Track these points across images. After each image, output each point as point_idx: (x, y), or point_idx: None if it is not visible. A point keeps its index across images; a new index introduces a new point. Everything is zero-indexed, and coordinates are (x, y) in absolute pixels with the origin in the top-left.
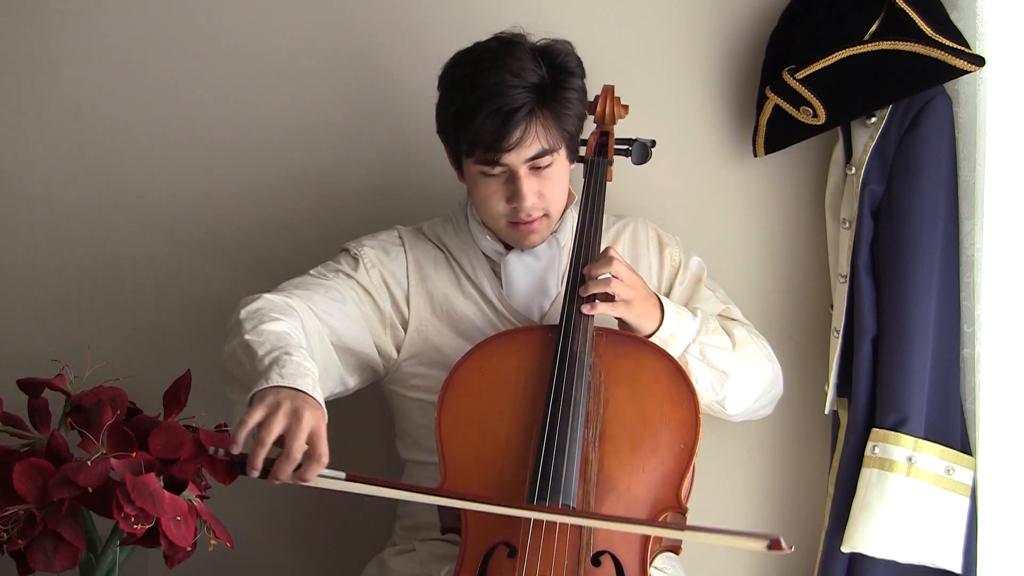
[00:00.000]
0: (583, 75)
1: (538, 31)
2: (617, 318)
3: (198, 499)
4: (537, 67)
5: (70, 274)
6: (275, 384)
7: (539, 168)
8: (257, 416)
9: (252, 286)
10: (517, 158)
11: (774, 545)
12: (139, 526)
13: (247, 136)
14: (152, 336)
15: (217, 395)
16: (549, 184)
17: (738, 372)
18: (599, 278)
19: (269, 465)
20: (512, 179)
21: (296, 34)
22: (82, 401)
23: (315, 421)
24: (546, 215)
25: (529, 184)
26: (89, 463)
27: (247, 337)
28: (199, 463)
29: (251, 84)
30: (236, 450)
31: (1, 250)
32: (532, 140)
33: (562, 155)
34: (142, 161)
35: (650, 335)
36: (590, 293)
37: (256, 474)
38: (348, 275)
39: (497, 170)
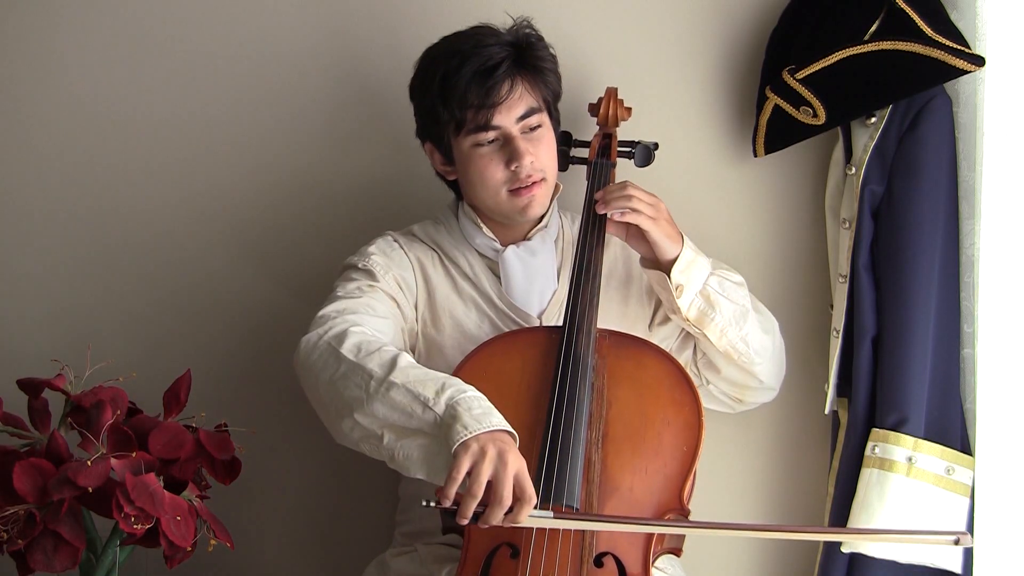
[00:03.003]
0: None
1: (541, 33)
2: (641, 241)
3: (198, 499)
4: (509, 33)
5: (70, 274)
6: (475, 432)
7: (530, 129)
8: (465, 468)
9: (251, 285)
10: (508, 118)
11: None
12: (139, 526)
13: (245, 138)
14: (152, 336)
15: (217, 395)
16: (541, 147)
17: (752, 310)
18: (615, 195)
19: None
20: (507, 142)
21: (292, 37)
22: (82, 401)
23: (519, 463)
24: (544, 179)
25: (524, 144)
26: (89, 463)
27: (395, 380)
28: (199, 463)
29: (250, 85)
30: (447, 503)
31: (1, 250)
32: (520, 95)
33: (547, 120)
34: (142, 161)
35: (673, 260)
36: (608, 208)
37: (467, 522)
38: (371, 286)
39: (491, 135)
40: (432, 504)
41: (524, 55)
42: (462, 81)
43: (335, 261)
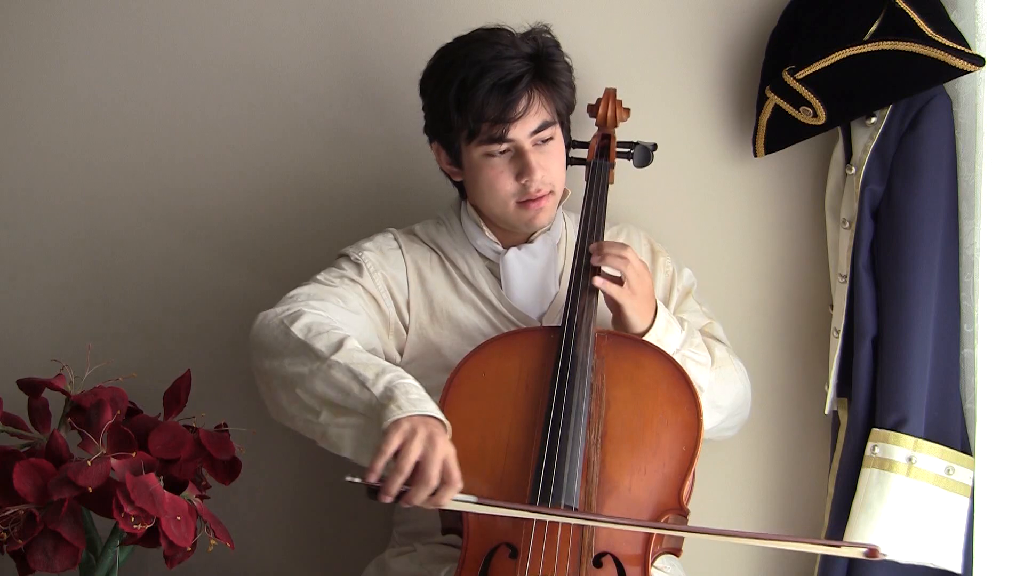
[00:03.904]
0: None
1: None
2: (614, 308)
3: (198, 499)
4: (526, 42)
5: (70, 274)
6: (409, 413)
7: (542, 143)
8: (395, 444)
9: (251, 285)
10: (523, 131)
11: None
12: (139, 526)
13: (246, 139)
14: (152, 336)
15: (217, 395)
16: (551, 160)
17: (712, 389)
18: (613, 253)
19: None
20: (519, 155)
21: (293, 36)
22: (82, 401)
23: (448, 448)
24: (552, 192)
25: (536, 158)
26: (89, 463)
27: (338, 359)
28: (199, 463)
29: (250, 84)
30: (373, 478)
31: (1, 250)
32: (536, 110)
33: (559, 132)
34: (141, 161)
35: (639, 335)
36: (606, 264)
37: (389, 500)
38: (353, 280)
39: (503, 147)
40: (356, 480)
41: (542, 68)
42: (480, 93)
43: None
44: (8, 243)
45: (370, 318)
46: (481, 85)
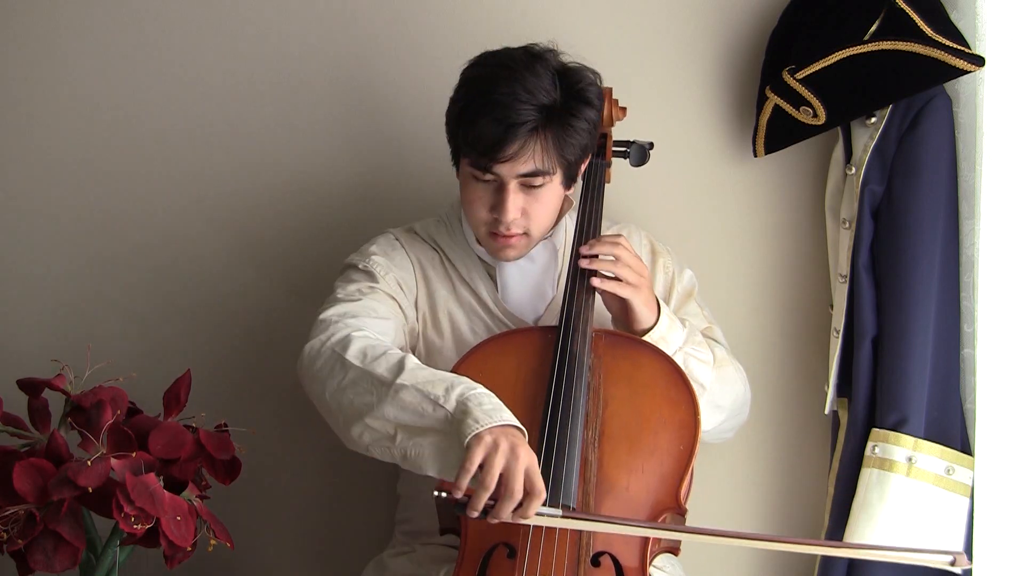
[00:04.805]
0: (599, 108)
1: (537, 32)
2: (618, 306)
3: (198, 499)
4: (553, 89)
5: (70, 274)
6: (488, 425)
7: (530, 187)
8: (478, 460)
9: (252, 285)
10: (509, 171)
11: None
12: (139, 526)
13: (246, 138)
14: (152, 336)
15: (217, 395)
16: (536, 204)
17: (713, 388)
18: (603, 256)
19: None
20: (500, 189)
21: (295, 35)
22: (82, 401)
23: (530, 458)
24: (526, 234)
25: (515, 199)
26: (89, 463)
27: (403, 382)
28: (199, 463)
29: (251, 85)
30: (459, 495)
31: (1, 250)
32: (528, 157)
33: (556, 180)
34: (142, 161)
35: (645, 331)
36: (594, 267)
37: (476, 515)
38: (372, 287)
39: (488, 177)
40: (443, 495)
41: (553, 121)
42: (478, 125)
43: (335, 261)
44: (8, 243)
45: (397, 320)
46: (482, 117)
